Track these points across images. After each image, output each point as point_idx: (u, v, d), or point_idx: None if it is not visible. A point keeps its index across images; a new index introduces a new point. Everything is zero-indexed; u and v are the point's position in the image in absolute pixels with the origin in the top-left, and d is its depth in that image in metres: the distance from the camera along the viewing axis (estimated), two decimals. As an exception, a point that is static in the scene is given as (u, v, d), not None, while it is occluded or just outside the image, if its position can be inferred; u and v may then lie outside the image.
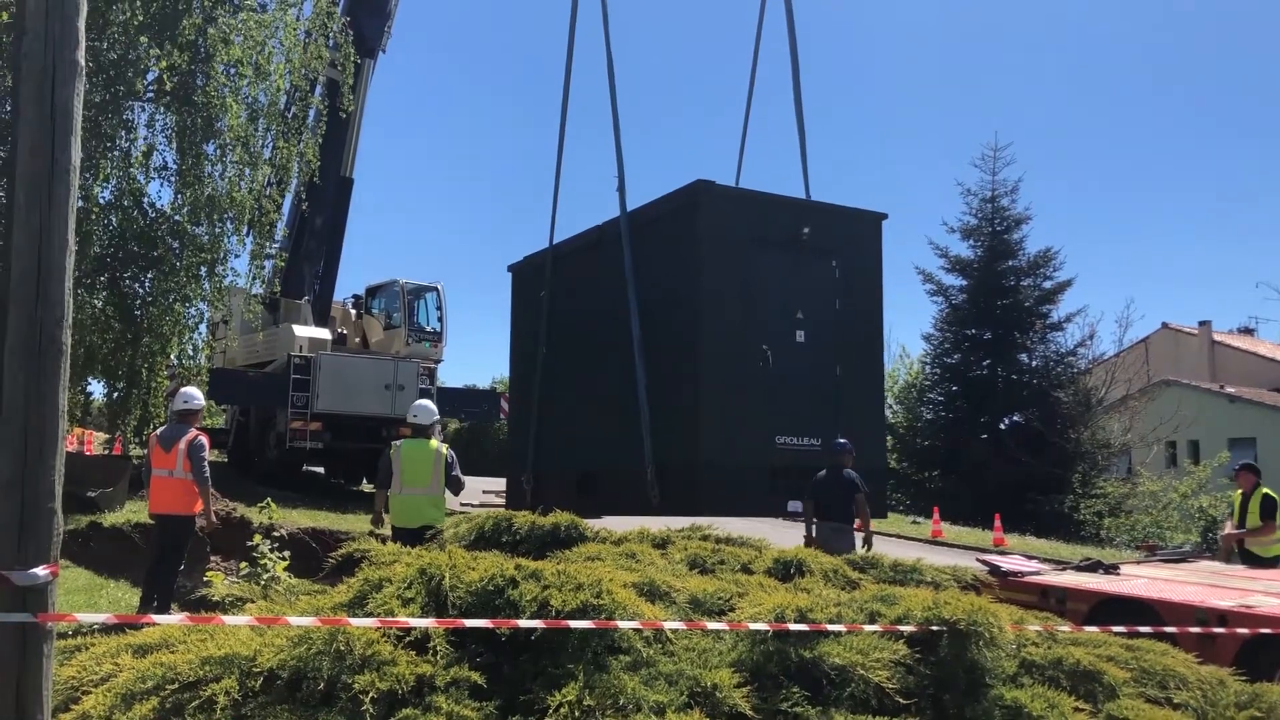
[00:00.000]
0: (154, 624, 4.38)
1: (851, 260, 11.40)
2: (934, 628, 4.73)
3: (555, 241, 13.50)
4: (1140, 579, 8.69)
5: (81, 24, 3.41)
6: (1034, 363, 30.55)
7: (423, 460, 8.76)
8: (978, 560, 10.38)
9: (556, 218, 13.64)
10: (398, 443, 9.05)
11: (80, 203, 7.66)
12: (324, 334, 20.58)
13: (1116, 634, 5.55)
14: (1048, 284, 30.58)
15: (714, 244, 10.73)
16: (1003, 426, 30.23)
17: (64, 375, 3.28)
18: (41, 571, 3.20)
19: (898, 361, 40.49)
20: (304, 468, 21.11)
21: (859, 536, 9.57)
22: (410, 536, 8.01)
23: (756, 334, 10.68)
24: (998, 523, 20.18)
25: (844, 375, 11.13)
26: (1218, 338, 44.06)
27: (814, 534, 9.69)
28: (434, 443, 8.95)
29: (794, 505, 10.44)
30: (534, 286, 13.63)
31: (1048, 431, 27.86)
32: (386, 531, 8.89)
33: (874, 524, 10.17)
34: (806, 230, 10.99)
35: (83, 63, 3.40)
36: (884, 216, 11.71)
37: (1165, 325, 44.51)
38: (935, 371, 32.48)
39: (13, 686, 3.15)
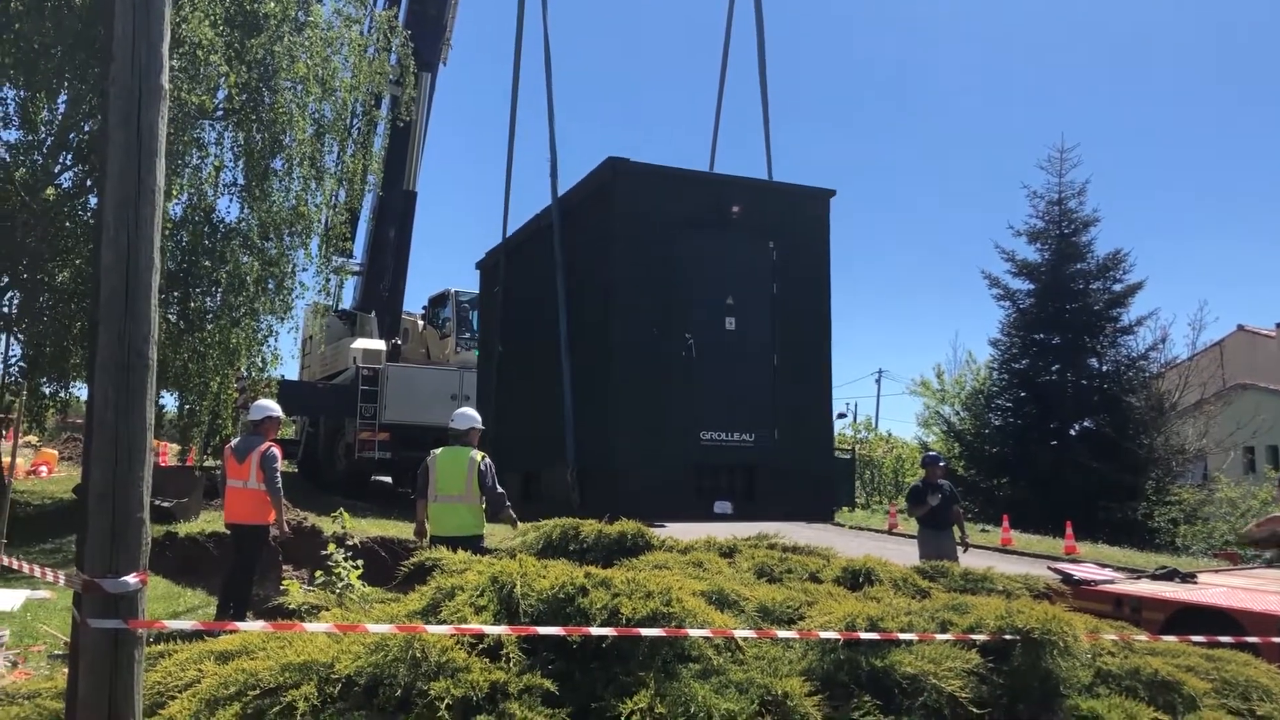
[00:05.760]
0: (235, 631, 4.48)
1: (793, 242, 10.59)
2: (1007, 636, 4.67)
3: (508, 233, 12.89)
4: (1219, 588, 8.50)
5: (165, 49, 3.52)
6: (1104, 367, 29.93)
7: (456, 467, 8.74)
8: (1050, 568, 10.22)
9: (512, 208, 12.95)
10: (436, 451, 9.01)
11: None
12: (378, 345, 20.81)
13: (1196, 644, 5.43)
14: (1117, 287, 29.99)
15: (628, 225, 9.94)
16: (1073, 433, 29.65)
17: (150, 390, 3.38)
18: (132, 579, 3.29)
19: (964, 367, 40.09)
20: (372, 477, 21.41)
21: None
22: (448, 545, 7.27)
23: (680, 321, 9.98)
24: (1069, 530, 19.82)
25: (784, 366, 10.38)
26: (1296, 339, 42.86)
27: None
28: (470, 450, 8.94)
29: (721, 506, 9.86)
30: (495, 282, 13.15)
31: (1119, 437, 27.29)
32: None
33: (822, 526, 9.78)
34: (736, 209, 10.35)
35: (167, 86, 3.51)
36: (831, 193, 10.79)
37: (1241, 327, 43.41)
38: (1003, 377, 31.97)
39: (106, 690, 3.25)
